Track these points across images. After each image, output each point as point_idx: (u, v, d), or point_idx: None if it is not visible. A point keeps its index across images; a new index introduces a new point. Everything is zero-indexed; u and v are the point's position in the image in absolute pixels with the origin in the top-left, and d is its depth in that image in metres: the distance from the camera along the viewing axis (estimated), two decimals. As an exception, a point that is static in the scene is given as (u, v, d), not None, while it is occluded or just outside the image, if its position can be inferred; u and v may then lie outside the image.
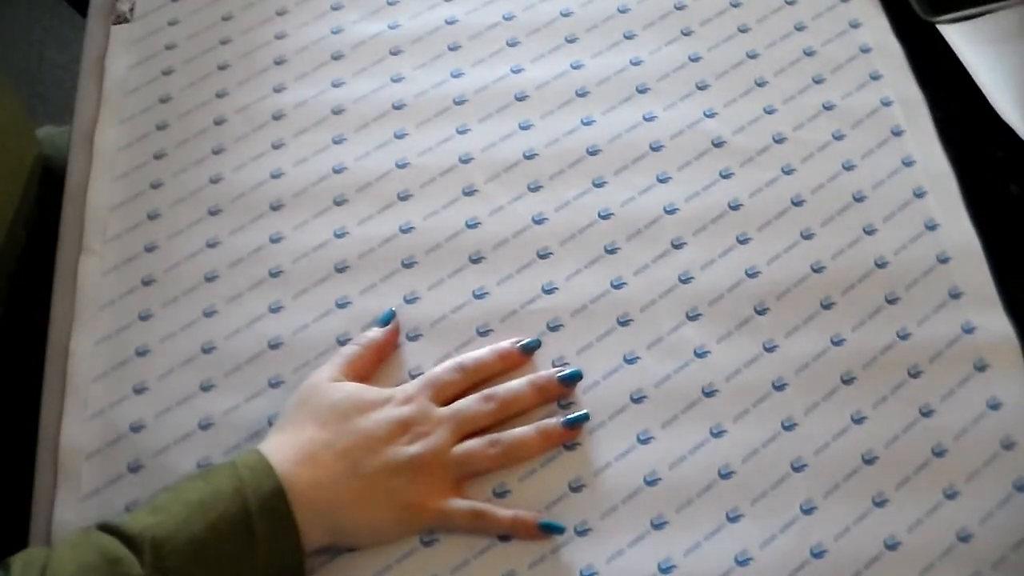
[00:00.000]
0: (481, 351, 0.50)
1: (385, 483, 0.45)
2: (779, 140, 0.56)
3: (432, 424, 0.47)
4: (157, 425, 0.50)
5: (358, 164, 0.57)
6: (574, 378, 0.49)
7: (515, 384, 0.49)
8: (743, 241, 0.53)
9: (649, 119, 0.57)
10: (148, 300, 0.53)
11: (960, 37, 0.58)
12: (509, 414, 0.48)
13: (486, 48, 0.61)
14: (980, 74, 0.57)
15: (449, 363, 0.49)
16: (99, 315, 0.53)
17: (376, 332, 0.51)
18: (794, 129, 0.56)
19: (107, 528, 0.42)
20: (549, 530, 0.46)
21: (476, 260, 0.53)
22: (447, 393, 0.48)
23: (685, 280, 0.52)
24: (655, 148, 0.56)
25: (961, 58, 0.58)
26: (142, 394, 0.51)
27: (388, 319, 0.51)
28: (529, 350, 0.50)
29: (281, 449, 0.45)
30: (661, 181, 0.55)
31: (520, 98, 0.59)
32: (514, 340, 0.50)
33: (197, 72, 0.61)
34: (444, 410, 0.48)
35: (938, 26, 0.59)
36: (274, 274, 0.53)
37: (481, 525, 0.46)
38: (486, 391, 0.48)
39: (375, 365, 0.50)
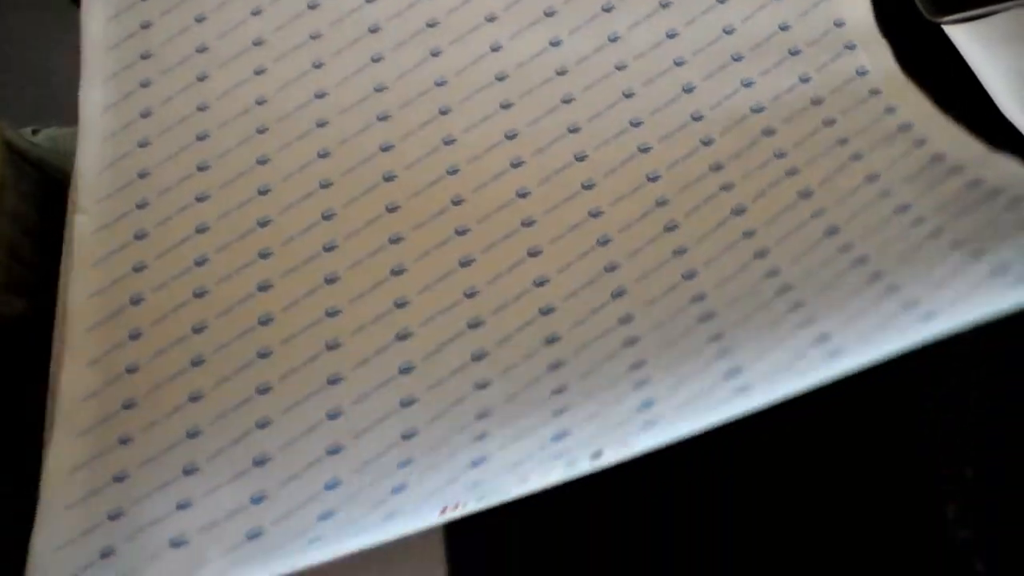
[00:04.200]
0: None
1: None
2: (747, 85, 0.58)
3: None
4: (151, 365, 0.52)
5: (343, 147, 0.57)
6: None
7: None
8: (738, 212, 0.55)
9: (628, 96, 0.59)
10: (141, 253, 0.55)
11: (966, 37, 0.58)
12: None
13: (464, 25, 0.62)
14: (986, 75, 0.57)
15: None
16: (92, 271, 0.55)
17: None
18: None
19: None
20: None
21: (461, 232, 0.55)
22: None
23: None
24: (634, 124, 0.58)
25: (967, 59, 0.58)
26: (137, 339, 0.53)
27: None
28: None
29: None
30: (642, 151, 0.57)
31: (500, 78, 0.60)
32: None
33: (175, 25, 0.61)
34: None
35: (944, 27, 0.59)
36: (263, 224, 0.56)
37: None
38: None
39: None
